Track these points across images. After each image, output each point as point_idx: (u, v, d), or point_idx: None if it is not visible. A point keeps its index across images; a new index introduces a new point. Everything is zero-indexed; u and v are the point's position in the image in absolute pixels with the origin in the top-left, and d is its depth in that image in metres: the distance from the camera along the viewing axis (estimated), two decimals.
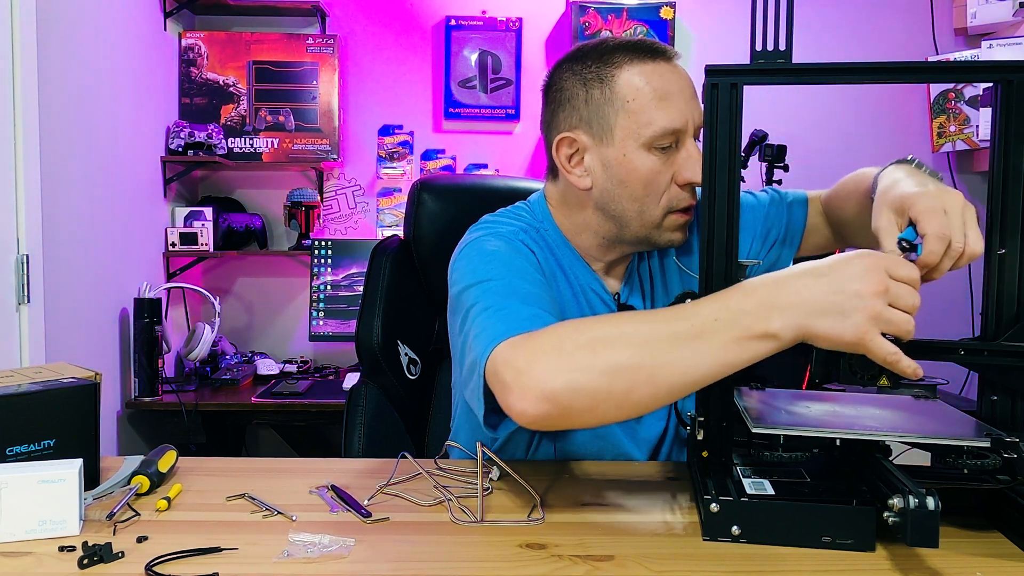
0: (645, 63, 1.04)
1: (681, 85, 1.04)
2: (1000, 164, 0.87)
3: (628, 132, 1.04)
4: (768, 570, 0.74)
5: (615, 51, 1.05)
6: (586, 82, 1.06)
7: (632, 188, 1.05)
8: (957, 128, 2.87)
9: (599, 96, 1.05)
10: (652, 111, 1.02)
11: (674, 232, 1.08)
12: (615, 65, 1.04)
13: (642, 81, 1.03)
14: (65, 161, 2.09)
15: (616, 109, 1.04)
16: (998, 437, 0.77)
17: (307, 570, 0.74)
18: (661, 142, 1.03)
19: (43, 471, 0.81)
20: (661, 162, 1.04)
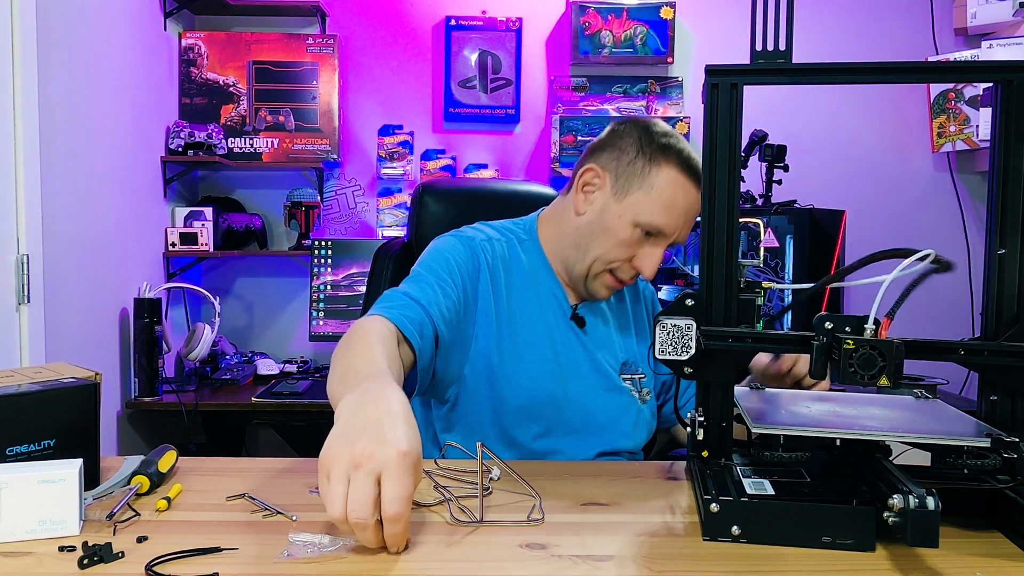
0: (687, 178, 1.20)
1: (692, 210, 1.22)
2: (1000, 164, 0.87)
3: (635, 205, 1.21)
4: (768, 570, 0.74)
5: (675, 152, 1.21)
6: (640, 151, 1.22)
7: (604, 240, 1.23)
8: (957, 128, 2.87)
9: (640, 168, 1.22)
10: (660, 209, 1.20)
11: (603, 288, 1.27)
12: (666, 160, 1.21)
13: (674, 186, 1.20)
14: (65, 161, 2.09)
15: (641, 185, 1.21)
16: (998, 437, 0.77)
17: (307, 570, 0.74)
18: (647, 229, 1.21)
19: (43, 471, 0.81)
20: (636, 240, 1.21)
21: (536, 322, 1.26)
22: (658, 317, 0.90)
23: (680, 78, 2.99)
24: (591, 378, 1.27)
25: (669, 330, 0.87)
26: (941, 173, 3.02)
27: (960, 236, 2.96)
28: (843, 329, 0.83)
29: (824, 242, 2.37)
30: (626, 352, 1.34)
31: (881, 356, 0.80)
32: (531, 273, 1.29)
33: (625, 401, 1.29)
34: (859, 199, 2.90)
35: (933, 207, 3.00)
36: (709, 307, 0.90)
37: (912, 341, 0.83)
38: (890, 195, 3.01)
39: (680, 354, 0.87)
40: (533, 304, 1.27)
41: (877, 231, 2.97)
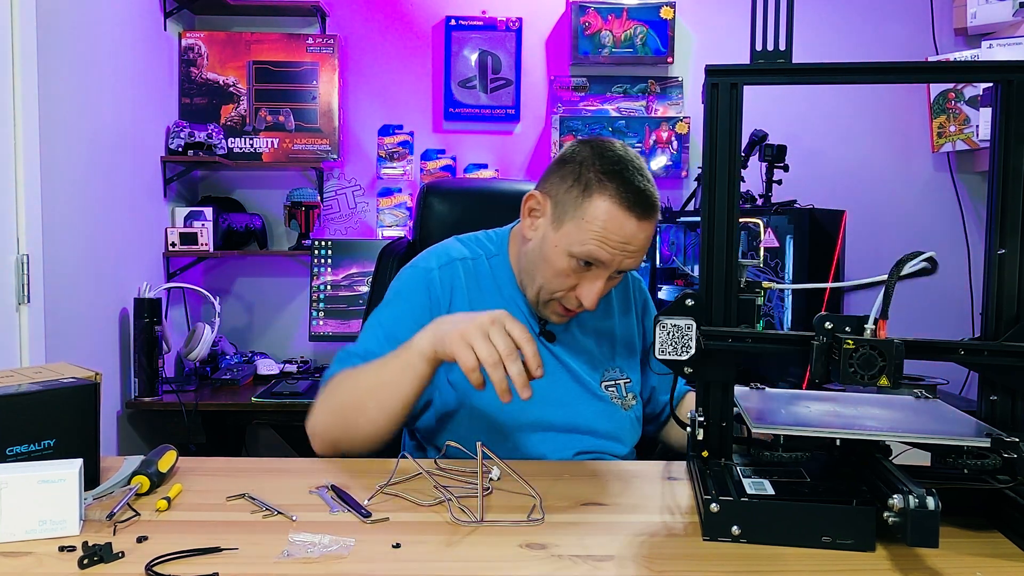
0: (620, 208, 1.14)
1: (632, 241, 1.16)
2: (1000, 164, 0.87)
3: (569, 236, 1.17)
4: (768, 570, 0.74)
5: (613, 178, 1.16)
6: (579, 179, 1.18)
7: (545, 270, 1.21)
8: (957, 128, 2.87)
9: (575, 196, 1.18)
10: (591, 240, 1.15)
11: (553, 315, 1.25)
12: (601, 192, 1.16)
13: (605, 217, 1.15)
14: (65, 161, 2.09)
15: (576, 216, 1.17)
16: (998, 437, 0.77)
17: (307, 570, 0.74)
18: (582, 259, 1.17)
19: (43, 471, 0.81)
20: (574, 270, 1.18)
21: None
22: (658, 317, 0.90)
23: (680, 78, 2.99)
24: (570, 389, 1.25)
25: (669, 330, 0.87)
26: (941, 173, 3.02)
27: (960, 236, 2.96)
28: (843, 329, 0.83)
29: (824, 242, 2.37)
30: (609, 357, 1.32)
31: (881, 356, 0.80)
32: (500, 289, 1.28)
33: (607, 408, 1.27)
34: (859, 199, 2.90)
35: (933, 207, 3.00)
36: (709, 307, 0.90)
37: (912, 341, 0.83)
38: (890, 195, 3.01)
39: (680, 354, 0.87)
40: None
41: (877, 231, 2.97)
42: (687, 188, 3.00)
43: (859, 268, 2.68)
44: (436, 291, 1.25)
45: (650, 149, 2.93)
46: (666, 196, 2.96)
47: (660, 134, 2.93)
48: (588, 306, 1.18)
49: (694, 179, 2.93)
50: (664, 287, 2.72)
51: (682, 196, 3.00)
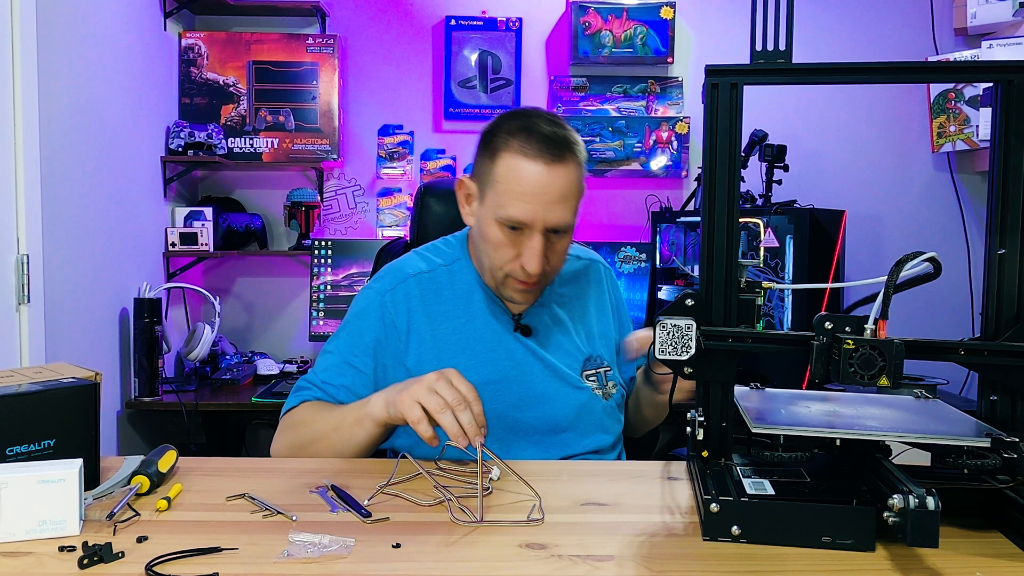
0: (525, 158, 1.14)
1: (547, 189, 1.14)
2: (1000, 164, 0.87)
3: (490, 203, 1.18)
4: (768, 570, 0.74)
5: (517, 135, 1.16)
6: (488, 147, 1.20)
7: (485, 247, 1.21)
8: (957, 128, 2.87)
9: (487, 165, 1.20)
10: (507, 199, 1.15)
11: (515, 293, 1.23)
12: (504, 149, 1.17)
13: (513, 172, 1.15)
14: (65, 161, 2.09)
15: (490, 182, 1.18)
16: (998, 437, 0.77)
17: (307, 570, 0.74)
18: (508, 224, 1.16)
19: (43, 471, 0.81)
20: (508, 238, 1.17)
21: (474, 344, 1.24)
22: (658, 317, 0.90)
23: (680, 78, 2.99)
24: (549, 383, 1.25)
25: (669, 330, 0.87)
26: (941, 173, 3.02)
27: (960, 236, 2.96)
28: (843, 329, 0.83)
29: (824, 242, 2.37)
30: (588, 347, 1.31)
31: (881, 356, 0.80)
32: (464, 296, 1.27)
33: (588, 400, 1.26)
34: (859, 199, 2.90)
35: (933, 207, 3.00)
36: (709, 307, 0.90)
37: (912, 341, 0.83)
38: (890, 195, 3.01)
39: (680, 354, 0.87)
40: (467, 328, 1.25)
41: (877, 231, 2.98)
42: (687, 188, 3.00)
43: (859, 268, 2.69)
44: (390, 314, 1.25)
45: (650, 149, 2.93)
46: (666, 196, 2.96)
47: (660, 134, 2.93)
48: (531, 270, 1.16)
49: (694, 179, 2.94)
50: (664, 287, 2.72)
51: (682, 196, 3.00)
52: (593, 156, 2.93)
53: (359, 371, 1.24)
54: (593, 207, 3.01)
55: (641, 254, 2.80)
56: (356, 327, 1.28)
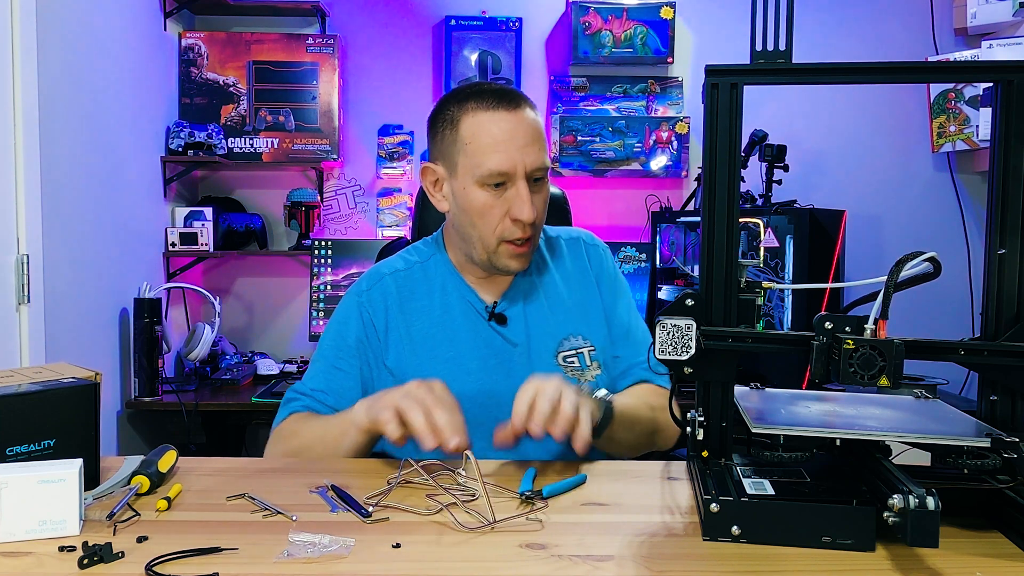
0: (486, 111, 1.17)
1: (516, 133, 1.16)
2: (1000, 164, 0.87)
3: (466, 169, 1.18)
4: (768, 570, 0.74)
5: (469, 98, 1.19)
6: (444, 121, 1.21)
7: (471, 217, 1.20)
8: (957, 128, 2.87)
9: (449, 136, 1.20)
10: (482, 155, 1.16)
11: (510, 259, 1.22)
12: (462, 110, 1.19)
13: (479, 127, 1.17)
14: (65, 161, 2.09)
15: (458, 149, 1.19)
16: (998, 437, 0.77)
17: (307, 570, 0.74)
18: (491, 181, 1.16)
19: (43, 471, 0.81)
20: (494, 198, 1.17)
21: (451, 338, 1.25)
22: (658, 317, 0.90)
23: (680, 78, 2.99)
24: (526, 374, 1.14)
25: (669, 330, 0.87)
26: (941, 173, 3.02)
27: (960, 236, 2.96)
28: (843, 329, 0.83)
29: (824, 242, 2.37)
30: (569, 324, 1.28)
31: (881, 356, 0.80)
32: (438, 291, 1.28)
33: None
34: (859, 199, 2.90)
35: (933, 207, 3.00)
36: (709, 307, 0.90)
37: (912, 341, 0.83)
38: (890, 195, 3.01)
39: (680, 354, 0.87)
40: (442, 322, 1.26)
41: (877, 231, 2.98)
42: (687, 188, 3.00)
43: (859, 268, 2.69)
44: (367, 313, 1.28)
45: (650, 149, 2.93)
46: (666, 196, 2.96)
47: (660, 134, 2.93)
48: (526, 217, 1.16)
49: (694, 179, 2.94)
50: (664, 287, 2.72)
51: (682, 196, 3.00)
52: (593, 156, 2.93)
53: (345, 373, 1.26)
54: (593, 207, 3.01)
55: (641, 254, 2.80)
56: (338, 331, 1.30)
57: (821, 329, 0.84)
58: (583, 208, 2.94)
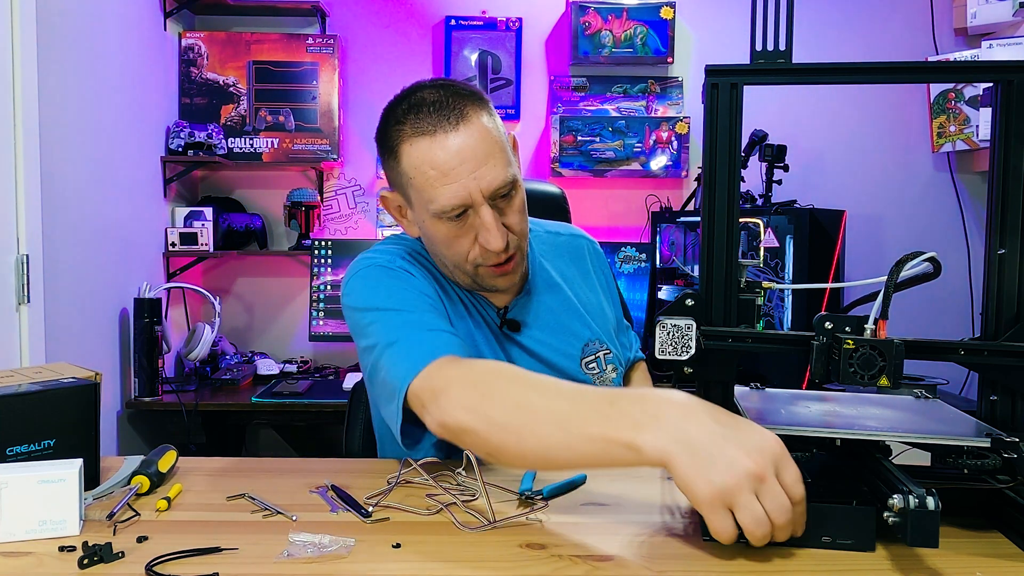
0: (423, 137, 1.02)
1: (464, 156, 1.00)
2: (1000, 164, 0.87)
3: (419, 203, 1.05)
4: (768, 570, 0.74)
5: (405, 118, 1.03)
6: (386, 149, 1.07)
7: (439, 248, 1.09)
8: (957, 128, 2.87)
9: (393, 166, 1.07)
10: (431, 190, 1.02)
11: (495, 279, 1.10)
12: (400, 138, 1.04)
13: (420, 159, 1.02)
14: (65, 161, 2.09)
15: (404, 183, 1.06)
16: (998, 437, 0.77)
17: (307, 570, 0.74)
18: (448, 215, 1.03)
19: (43, 471, 0.81)
20: (457, 227, 1.04)
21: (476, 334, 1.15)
22: (658, 317, 0.90)
23: (680, 78, 2.99)
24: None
25: (669, 330, 0.87)
26: (941, 173, 3.02)
27: (960, 236, 2.96)
28: (843, 329, 0.83)
29: (824, 242, 2.38)
30: (585, 330, 1.21)
31: (881, 356, 0.80)
32: (448, 287, 1.16)
33: None
34: (859, 199, 2.91)
35: (933, 207, 3.00)
36: (709, 307, 0.90)
37: (912, 341, 0.83)
38: (890, 195, 3.01)
39: (680, 354, 0.87)
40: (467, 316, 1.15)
41: (877, 231, 2.98)
42: (687, 188, 3.00)
43: (859, 268, 2.69)
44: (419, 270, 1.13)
45: (650, 149, 2.93)
46: (666, 196, 2.96)
47: (660, 134, 2.93)
48: (494, 247, 1.03)
49: (694, 179, 2.94)
50: (664, 287, 2.72)
51: (682, 196, 3.00)
52: (593, 156, 2.93)
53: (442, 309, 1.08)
54: (593, 207, 3.01)
55: (641, 254, 2.80)
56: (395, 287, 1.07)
57: (821, 329, 0.84)
58: (583, 208, 2.94)
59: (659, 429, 0.74)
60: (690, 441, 0.72)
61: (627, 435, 0.75)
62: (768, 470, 0.70)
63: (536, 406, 0.83)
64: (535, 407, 0.83)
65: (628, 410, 0.77)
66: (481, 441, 0.86)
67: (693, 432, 0.73)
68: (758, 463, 0.70)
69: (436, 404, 0.89)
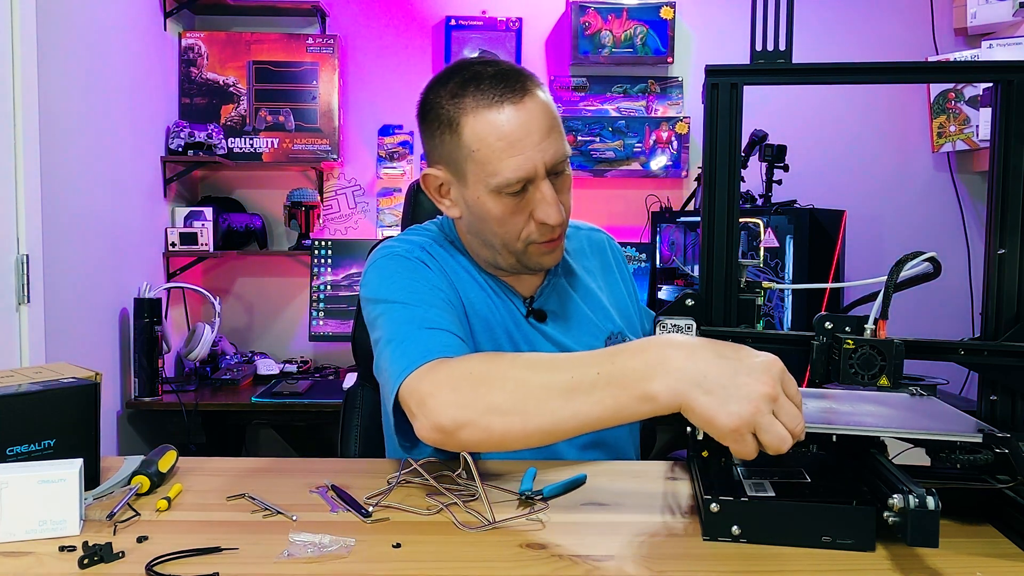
0: (490, 109, 1.01)
1: (528, 128, 1.00)
2: (1000, 164, 0.87)
3: (477, 178, 1.03)
4: (768, 570, 0.74)
5: (464, 90, 1.03)
6: (441, 122, 1.05)
7: (490, 226, 1.06)
8: (957, 128, 2.87)
9: (450, 141, 1.05)
10: (497, 162, 1.00)
11: (542, 257, 1.10)
12: (461, 110, 1.02)
13: (486, 130, 1.01)
14: (65, 161, 2.09)
15: (464, 156, 1.03)
16: (990, 433, 0.77)
17: (307, 570, 0.74)
18: (509, 190, 1.02)
19: (43, 471, 0.81)
20: (514, 204, 1.03)
21: (499, 324, 1.13)
22: (658, 317, 0.90)
23: (680, 78, 2.99)
24: None
25: (669, 330, 0.87)
26: (941, 173, 3.02)
27: (960, 236, 2.96)
28: (843, 329, 0.83)
29: (824, 242, 2.37)
30: (607, 322, 1.20)
31: (881, 356, 0.80)
32: (476, 275, 1.15)
33: None
34: (859, 199, 2.90)
35: (933, 207, 3.00)
36: (709, 307, 0.90)
37: (912, 341, 0.83)
38: (890, 195, 3.01)
39: None
40: (491, 305, 1.14)
41: (877, 231, 2.98)
42: (687, 188, 3.00)
43: (859, 268, 2.69)
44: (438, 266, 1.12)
45: (650, 149, 2.93)
46: (666, 196, 2.96)
47: (660, 134, 2.93)
48: (554, 221, 1.03)
49: (694, 179, 2.94)
50: (664, 287, 2.72)
51: (682, 196, 3.00)
52: (593, 156, 2.93)
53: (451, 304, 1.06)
54: (593, 207, 3.01)
55: (641, 254, 2.80)
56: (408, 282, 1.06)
57: (821, 329, 0.84)
58: (583, 208, 2.94)
59: (667, 374, 0.76)
60: (702, 379, 0.74)
61: (638, 387, 0.77)
62: (778, 388, 0.73)
63: (535, 383, 0.84)
64: (534, 384, 0.83)
65: (631, 363, 0.79)
66: (481, 432, 0.85)
67: (702, 369, 0.75)
68: (769, 384, 0.73)
69: (423, 410, 0.88)
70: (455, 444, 0.88)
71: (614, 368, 0.79)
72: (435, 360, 0.92)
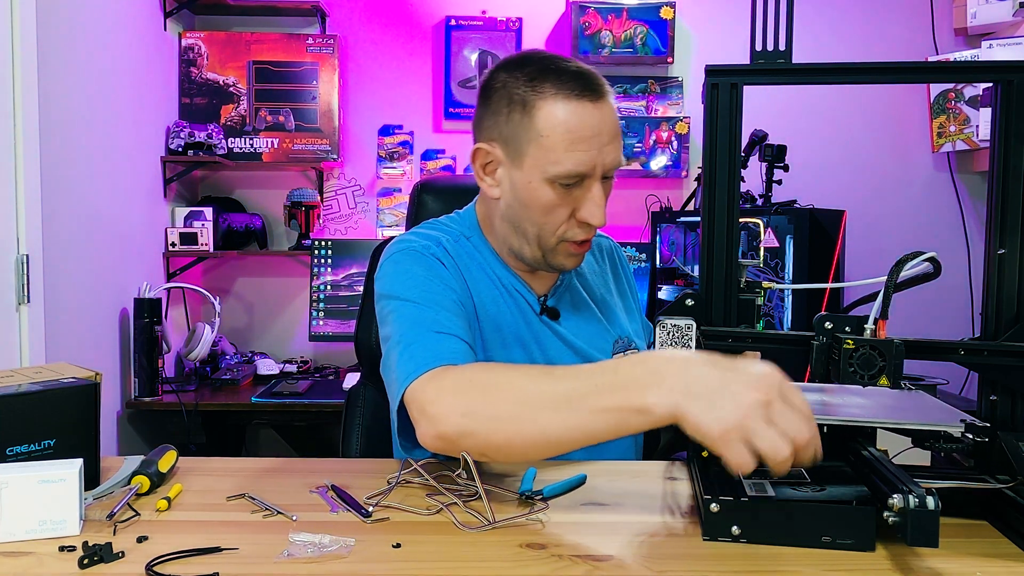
0: (569, 100, 1.02)
1: (599, 129, 1.03)
2: (1000, 164, 0.87)
3: (536, 163, 1.04)
4: (768, 570, 0.74)
5: (546, 77, 1.04)
6: (511, 101, 1.06)
7: (532, 213, 1.08)
8: (957, 128, 2.87)
9: (518, 120, 1.05)
10: (561, 151, 1.02)
11: (567, 258, 1.12)
12: (540, 94, 1.04)
13: (559, 119, 1.02)
14: (65, 161, 2.09)
15: (530, 138, 1.04)
16: (971, 423, 0.78)
17: (307, 570, 0.74)
18: (565, 181, 1.04)
19: (43, 471, 0.81)
20: (562, 196, 1.05)
21: (510, 323, 1.14)
22: (658, 317, 0.90)
23: (680, 78, 2.99)
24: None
25: (669, 330, 0.87)
26: (941, 173, 3.02)
27: (960, 236, 2.96)
28: (843, 329, 0.83)
29: (824, 242, 2.37)
30: (615, 327, 1.23)
31: (881, 356, 0.80)
32: (491, 270, 1.16)
33: None
34: (859, 199, 2.90)
35: (933, 207, 3.00)
36: (709, 307, 0.90)
37: (912, 341, 0.83)
38: (890, 195, 3.01)
39: None
40: (503, 303, 1.15)
41: (877, 231, 2.98)
42: (687, 188, 3.00)
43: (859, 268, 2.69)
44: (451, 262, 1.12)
45: (650, 149, 2.93)
46: (666, 196, 2.96)
47: (660, 134, 2.93)
48: (598, 222, 1.06)
49: (694, 179, 2.94)
50: (664, 287, 2.72)
51: (682, 196, 3.00)
52: None
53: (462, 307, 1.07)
54: None
55: (641, 254, 2.80)
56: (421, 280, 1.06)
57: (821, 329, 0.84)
58: None
59: (663, 386, 0.76)
60: (695, 389, 0.75)
61: (636, 400, 0.78)
62: (773, 395, 0.72)
63: (536, 394, 0.84)
64: (535, 395, 0.84)
65: (631, 375, 0.79)
66: (483, 441, 0.86)
67: (696, 381, 0.75)
68: (762, 391, 0.72)
69: (426, 417, 0.89)
70: (457, 452, 0.89)
71: (616, 380, 0.80)
72: (441, 367, 0.93)
